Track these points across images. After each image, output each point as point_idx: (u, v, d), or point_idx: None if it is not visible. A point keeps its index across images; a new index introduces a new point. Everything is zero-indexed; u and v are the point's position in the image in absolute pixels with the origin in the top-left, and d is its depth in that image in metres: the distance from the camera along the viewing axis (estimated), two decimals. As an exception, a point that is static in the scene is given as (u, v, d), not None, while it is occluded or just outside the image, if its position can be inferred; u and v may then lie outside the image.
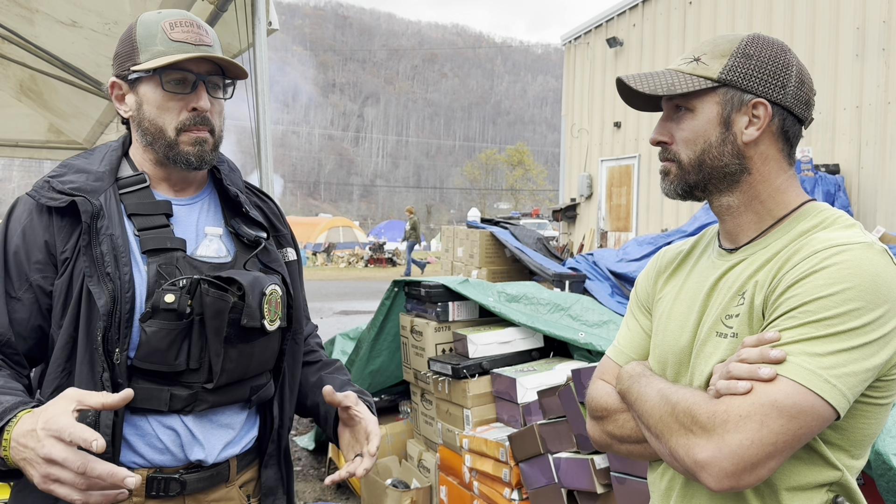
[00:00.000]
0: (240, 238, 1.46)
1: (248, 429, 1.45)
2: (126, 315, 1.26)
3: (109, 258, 1.27)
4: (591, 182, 12.61)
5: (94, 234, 1.28)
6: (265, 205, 1.57)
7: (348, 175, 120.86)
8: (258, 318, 1.33)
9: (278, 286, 1.40)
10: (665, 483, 1.22)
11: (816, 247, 1.04)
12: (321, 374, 1.60)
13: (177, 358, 1.29)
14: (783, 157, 1.17)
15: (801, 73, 1.15)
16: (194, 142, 1.37)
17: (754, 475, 0.96)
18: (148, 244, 1.33)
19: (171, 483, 1.31)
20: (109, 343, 1.25)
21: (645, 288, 1.36)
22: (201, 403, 1.33)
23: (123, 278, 1.27)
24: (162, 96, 1.34)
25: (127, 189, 1.38)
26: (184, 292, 1.28)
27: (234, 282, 1.32)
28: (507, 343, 3.49)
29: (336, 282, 18.94)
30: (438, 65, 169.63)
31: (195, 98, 1.36)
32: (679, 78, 1.16)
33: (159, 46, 1.33)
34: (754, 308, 1.08)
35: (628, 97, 1.24)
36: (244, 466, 1.44)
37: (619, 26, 12.15)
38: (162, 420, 1.31)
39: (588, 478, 2.55)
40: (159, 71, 1.33)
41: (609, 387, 1.27)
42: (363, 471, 1.34)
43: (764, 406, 0.96)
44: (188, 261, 1.35)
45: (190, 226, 1.42)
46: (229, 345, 1.32)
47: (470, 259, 7.65)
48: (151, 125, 1.36)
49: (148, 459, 1.31)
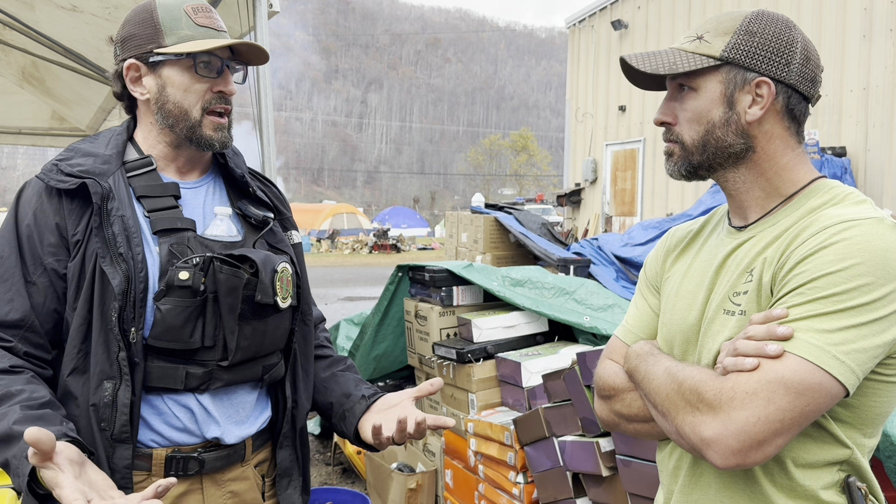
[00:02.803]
0: (247, 220, 1.48)
1: (261, 409, 1.46)
2: (140, 294, 1.27)
3: (121, 239, 1.28)
4: (596, 166, 12.55)
5: (105, 216, 1.29)
6: (268, 189, 1.59)
7: (352, 161, 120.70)
8: (271, 295, 1.35)
9: (288, 264, 1.42)
10: (673, 462, 1.21)
11: (826, 223, 1.03)
12: (333, 371, 1.62)
13: (192, 335, 1.30)
14: (790, 135, 1.15)
15: (806, 50, 1.13)
16: (217, 127, 1.40)
17: (761, 452, 0.95)
18: (159, 224, 1.34)
19: (189, 462, 1.33)
20: (125, 322, 1.26)
21: (654, 267, 1.35)
22: (216, 381, 1.34)
23: (136, 258, 1.28)
24: (190, 79, 1.37)
25: (134, 172, 1.39)
26: (197, 269, 1.29)
27: (247, 259, 1.34)
28: (511, 327, 3.49)
29: (340, 268, 18.96)
30: (442, 49, 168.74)
31: (223, 82, 1.40)
32: (681, 56, 1.14)
33: (186, 31, 1.36)
34: (762, 285, 1.07)
35: (633, 77, 1.22)
36: (259, 446, 1.46)
37: (624, 9, 12.04)
38: (177, 399, 1.33)
39: (593, 461, 2.55)
40: (194, 55, 1.36)
41: (617, 366, 1.26)
42: (447, 423, 1.36)
43: (771, 383, 0.95)
44: (199, 240, 1.36)
45: (197, 208, 1.43)
46: (244, 321, 1.34)
47: (474, 244, 7.64)
48: (176, 107, 1.38)
49: (167, 437, 1.32)
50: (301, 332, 1.52)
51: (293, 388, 1.50)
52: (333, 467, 4.42)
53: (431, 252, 24.16)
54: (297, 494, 1.50)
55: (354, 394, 1.54)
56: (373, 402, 1.50)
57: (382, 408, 1.49)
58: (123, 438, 1.26)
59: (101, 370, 1.26)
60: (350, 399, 1.53)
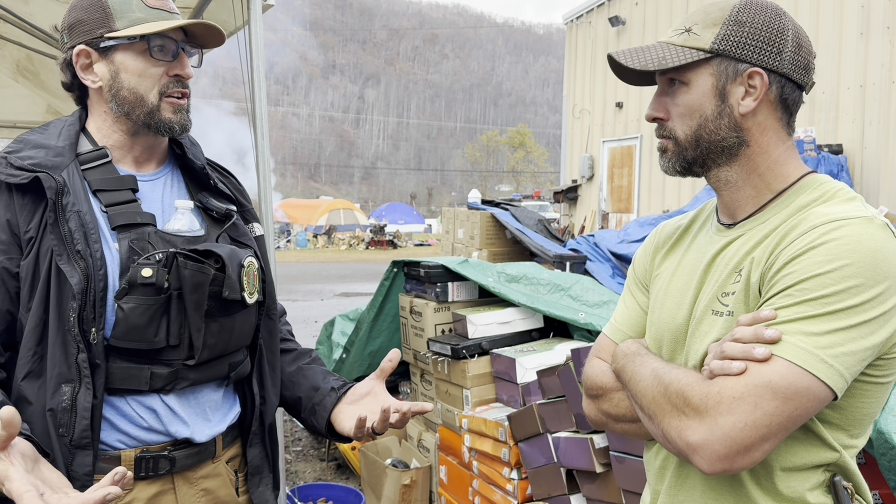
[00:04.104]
0: (208, 213, 1.43)
1: (230, 405, 1.43)
2: (100, 293, 1.22)
3: (79, 235, 1.22)
4: (593, 163, 12.54)
5: (61, 212, 1.23)
6: (227, 180, 1.54)
7: (349, 157, 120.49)
8: (238, 290, 1.31)
9: (254, 258, 1.39)
10: (659, 462, 1.21)
11: (815, 222, 1.01)
12: (299, 364, 1.57)
13: (156, 335, 1.25)
14: (782, 127, 1.13)
15: (798, 37, 1.11)
16: (176, 109, 1.35)
17: (748, 458, 0.94)
18: (117, 220, 1.29)
19: (160, 461, 1.29)
20: (85, 323, 1.21)
21: (643, 264, 1.33)
22: (182, 381, 1.30)
23: (95, 255, 1.23)
24: (145, 63, 1.31)
25: (89, 164, 1.33)
26: (160, 266, 1.24)
27: (212, 254, 1.29)
28: (506, 323, 3.49)
29: (337, 264, 18.95)
30: (439, 45, 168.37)
31: (179, 65, 1.34)
32: (670, 51, 1.12)
33: (137, 13, 1.30)
34: (751, 285, 1.05)
35: (622, 73, 1.20)
36: (229, 442, 1.43)
37: (622, 5, 12.02)
38: (142, 400, 1.28)
39: (587, 457, 2.55)
40: (147, 38, 1.30)
41: (605, 365, 1.25)
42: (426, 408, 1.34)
43: (758, 387, 0.93)
44: (160, 235, 1.31)
45: (155, 201, 1.38)
46: (210, 319, 1.29)
47: (470, 241, 7.63)
48: (131, 93, 1.32)
49: (134, 437, 1.28)
50: (266, 327, 1.48)
51: (260, 385, 1.46)
52: (328, 463, 4.42)
53: (428, 248, 24.14)
54: (269, 492, 1.48)
55: (323, 386, 1.49)
56: (343, 394, 1.47)
57: (355, 398, 1.45)
58: (84, 444, 1.21)
59: (58, 373, 1.20)
60: (319, 392, 1.49)
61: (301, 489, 3.54)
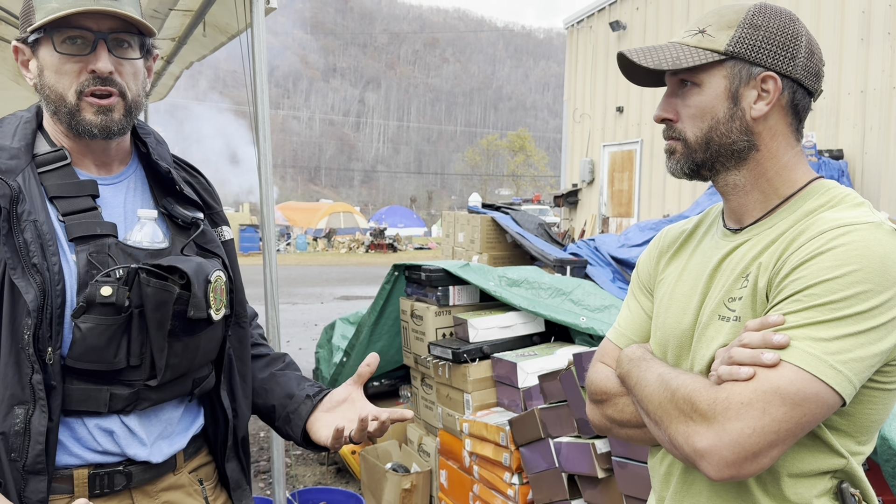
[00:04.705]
0: (173, 220, 1.33)
1: (191, 419, 1.36)
2: (57, 311, 1.13)
3: (35, 247, 1.13)
4: (593, 167, 12.54)
5: (15, 221, 1.13)
6: (195, 180, 1.44)
7: (349, 160, 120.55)
8: (204, 309, 1.22)
9: (221, 271, 1.30)
10: (665, 468, 1.20)
11: (823, 227, 1.01)
12: (271, 370, 1.50)
13: (116, 355, 1.17)
14: (791, 132, 1.13)
15: (810, 44, 1.11)
16: (97, 110, 1.21)
17: (756, 464, 0.94)
18: (75, 231, 1.19)
19: (115, 477, 1.21)
20: (40, 342, 1.12)
21: (647, 268, 1.33)
22: (143, 402, 1.22)
23: (52, 269, 1.14)
24: (58, 59, 1.19)
25: (46, 167, 1.22)
26: (121, 284, 1.16)
27: (176, 270, 1.20)
28: (507, 327, 3.48)
29: (337, 267, 18.94)
30: (440, 49, 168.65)
31: (94, 59, 1.19)
32: (684, 51, 1.11)
33: (53, 3, 1.17)
34: (758, 291, 1.05)
35: (630, 73, 1.19)
36: (192, 454, 1.36)
37: (623, 9, 12.04)
38: (100, 422, 1.20)
39: (589, 462, 2.54)
40: (49, 30, 1.17)
41: (609, 370, 1.24)
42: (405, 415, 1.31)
43: (766, 393, 0.93)
44: (121, 248, 1.22)
45: (117, 208, 1.28)
46: (174, 338, 1.21)
47: (471, 244, 7.63)
48: (52, 92, 1.21)
49: (84, 459, 1.20)
50: (236, 336, 1.40)
51: (231, 398, 1.39)
52: (327, 467, 4.41)
53: (428, 252, 24.14)
54: (251, 502, 1.44)
55: (298, 394, 1.42)
56: (319, 401, 1.40)
57: (331, 405, 1.39)
58: (38, 469, 1.12)
59: (11, 395, 1.11)
60: (294, 400, 1.42)
61: (301, 493, 3.53)
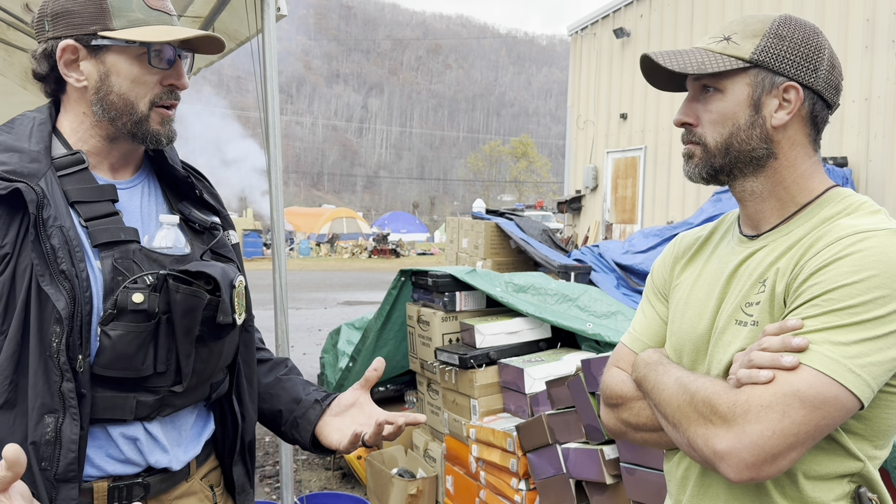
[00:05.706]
0: (189, 224, 1.32)
1: (203, 424, 1.36)
2: (86, 318, 1.12)
3: (63, 253, 1.11)
4: (597, 174, 12.56)
5: (42, 227, 1.11)
6: (201, 184, 1.41)
7: (352, 166, 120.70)
8: (230, 314, 1.23)
9: (242, 276, 1.31)
10: (681, 472, 1.21)
11: (840, 233, 1.02)
12: (276, 375, 1.49)
13: (144, 362, 1.16)
14: (809, 143, 1.15)
15: (832, 57, 1.13)
16: (164, 120, 1.25)
17: (775, 466, 0.95)
18: (100, 237, 1.18)
19: (133, 489, 1.21)
20: (71, 350, 1.10)
21: (661, 274, 1.34)
22: (167, 408, 1.22)
23: (81, 276, 1.12)
24: (141, 70, 1.21)
25: (64, 171, 1.20)
26: (151, 291, 1.15)
27: (203, 275, 1.19)
28: (514, 333, 3.48)
29: (340, 272, 18.95)
30: (443, 56, 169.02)
31: (175, 75, 1.24)
32: (709, 57, 1.13)
33: (137, 13, 1.19)
34: (775, 296, 1.06)
35: (651, 76, 1.20)
36: (203, 460, 1.36)
37: (627, 17, 12.07)
38: (124, 430, 1.19)
39: (597, 468, 2.54)
40: (148, 44, 1.19)
41: (624, 374, 1.25)
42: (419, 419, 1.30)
43: (786, 396, 0.94)
44: (146, 254, 1.20)
45: (134, 213, 1.27)
46: (200, 344, 1.22)
47: (475, 250, 7.63)
48: (121, 99, 1.21)
49: (104, 470, 1.18)
50: (244, 341, 1.39)
51: (240, 403, 1.39)
52: (333, 472, 4.41)
53: (431, 257, 24.16)
54: None
55: (305, 398, 1.42)
56: (327, 406, 1.40)
57: (339, 410, 1.39)
58: (70, 478, 1.11)
59: (41, 403, 1.10)
60: (301, 404, 1.41)
61: (308, 498, 3.53)
